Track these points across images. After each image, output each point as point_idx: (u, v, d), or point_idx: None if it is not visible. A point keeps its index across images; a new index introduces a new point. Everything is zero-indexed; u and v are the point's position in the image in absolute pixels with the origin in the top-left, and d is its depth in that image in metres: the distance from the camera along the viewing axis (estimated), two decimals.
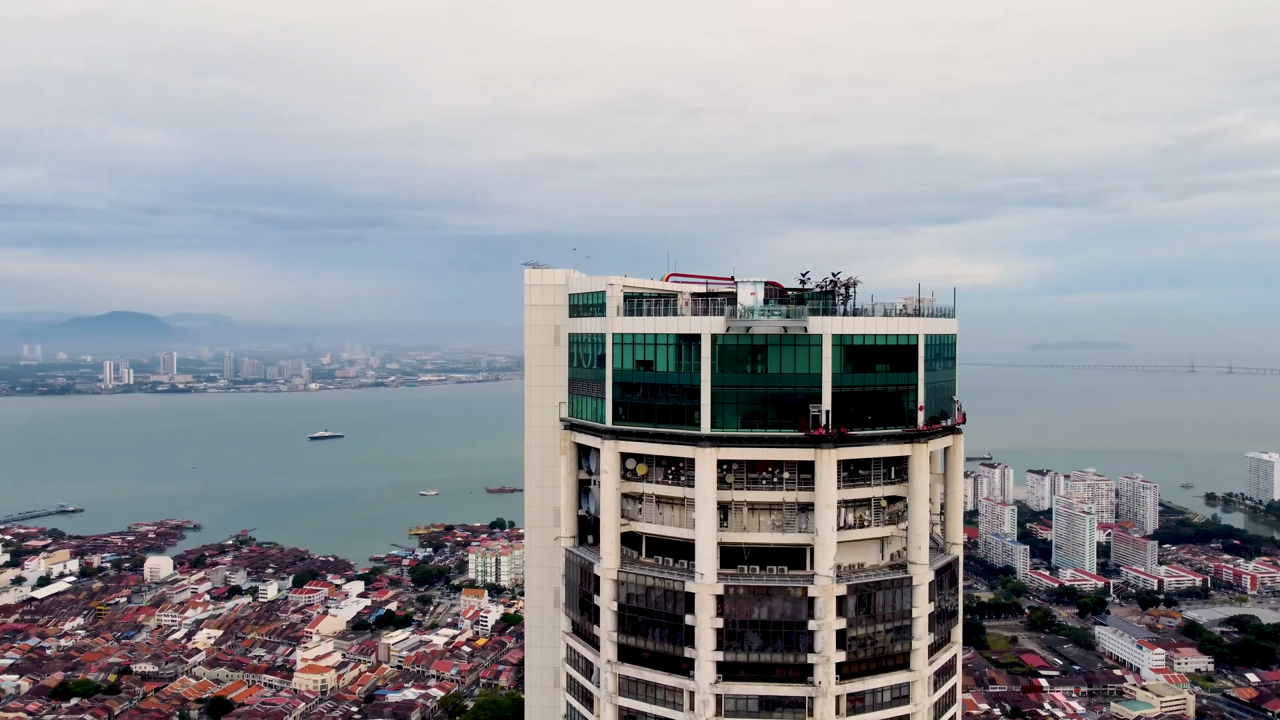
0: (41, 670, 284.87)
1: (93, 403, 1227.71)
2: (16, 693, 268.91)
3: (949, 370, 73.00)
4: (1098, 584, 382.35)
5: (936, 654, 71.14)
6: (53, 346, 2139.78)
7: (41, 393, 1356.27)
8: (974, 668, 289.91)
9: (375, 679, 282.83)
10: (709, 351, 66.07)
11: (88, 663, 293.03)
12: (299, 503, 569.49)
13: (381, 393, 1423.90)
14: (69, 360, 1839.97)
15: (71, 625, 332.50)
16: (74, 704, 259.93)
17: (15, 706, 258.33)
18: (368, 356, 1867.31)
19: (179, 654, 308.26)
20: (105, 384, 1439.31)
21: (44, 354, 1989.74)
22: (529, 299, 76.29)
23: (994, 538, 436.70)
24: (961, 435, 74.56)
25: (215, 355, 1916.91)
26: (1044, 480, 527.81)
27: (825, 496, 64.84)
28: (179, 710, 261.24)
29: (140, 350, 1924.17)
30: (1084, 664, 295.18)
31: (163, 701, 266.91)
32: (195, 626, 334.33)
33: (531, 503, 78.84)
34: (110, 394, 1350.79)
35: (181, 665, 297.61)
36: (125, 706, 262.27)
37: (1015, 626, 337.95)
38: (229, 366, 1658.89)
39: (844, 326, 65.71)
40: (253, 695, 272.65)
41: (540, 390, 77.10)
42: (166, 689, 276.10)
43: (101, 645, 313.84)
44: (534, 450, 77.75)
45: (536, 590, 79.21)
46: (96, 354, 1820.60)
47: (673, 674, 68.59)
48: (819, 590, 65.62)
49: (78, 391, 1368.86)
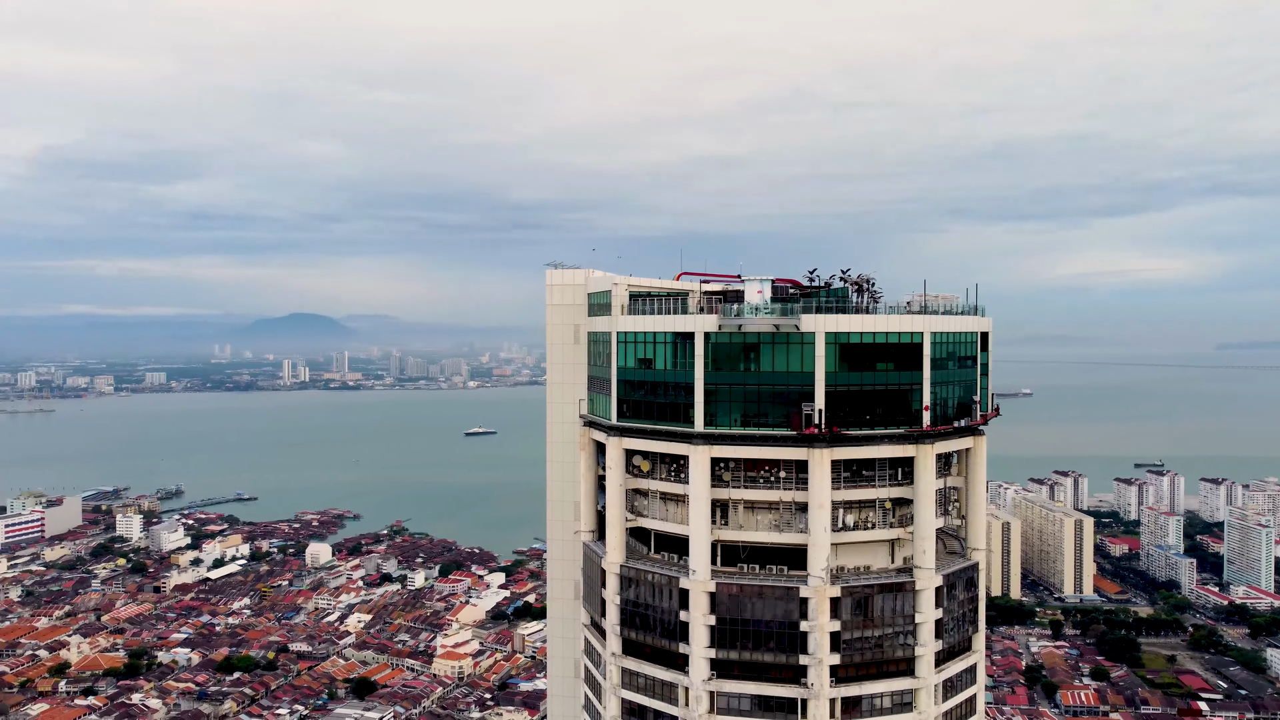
0: (210, 645, 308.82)
1: (272, 398, 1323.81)
2: (188, 664, 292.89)
3: (968, 370, 70.23)
4: (1274, 603, 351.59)
5: (949, 662, 68.63)
6: (240, 346, 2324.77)
7: (228, 389, 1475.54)
8: (1125, 686, 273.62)
9: (509, 668, 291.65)
10: (702, 350, 66.33)
11: (250, 640, 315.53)
12: (450, 496, 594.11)
13: (535, 390, 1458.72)
14: (254, 359, 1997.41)
15: (239, 605, 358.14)
16: (236, 677, 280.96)
17: (185, 677, 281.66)
18: (523, 355, 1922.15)
19: (331, 635, 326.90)
20: (284, 381, 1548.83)
21: (232, 353, 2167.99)
22: (550, 298, 78.57)
23: (1157, 550, 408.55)
24: (984, 437, 71.60)
25: (383, 354, 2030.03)
26: (1218, 490, 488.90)
27: (818, 496, 63.90)
28: (327, 688, 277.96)
29: (316, 349, 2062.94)
30: (1252, 689, 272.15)
31: (314, 679, 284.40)
32: (348, 610, 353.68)
33: (553, 497, 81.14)
34: (288, 390, 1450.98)
35: (333, 646, 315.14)
36: (280, 682, 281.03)
37: (1175, 645, 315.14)
38: (395, 365, 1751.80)
39: (838, 324, 64.47)
40: (395, 678, 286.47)
41: (561, 388, 79.28)
42: (318, 668, 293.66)
43: (263, 624, 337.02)
44: (555, 446, 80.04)
45: (558, 583, 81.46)
46: (278, 353, 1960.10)
47: (670, 669, 69.19)
48: (811, 591, 64.70)
49: (259, 388, 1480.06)
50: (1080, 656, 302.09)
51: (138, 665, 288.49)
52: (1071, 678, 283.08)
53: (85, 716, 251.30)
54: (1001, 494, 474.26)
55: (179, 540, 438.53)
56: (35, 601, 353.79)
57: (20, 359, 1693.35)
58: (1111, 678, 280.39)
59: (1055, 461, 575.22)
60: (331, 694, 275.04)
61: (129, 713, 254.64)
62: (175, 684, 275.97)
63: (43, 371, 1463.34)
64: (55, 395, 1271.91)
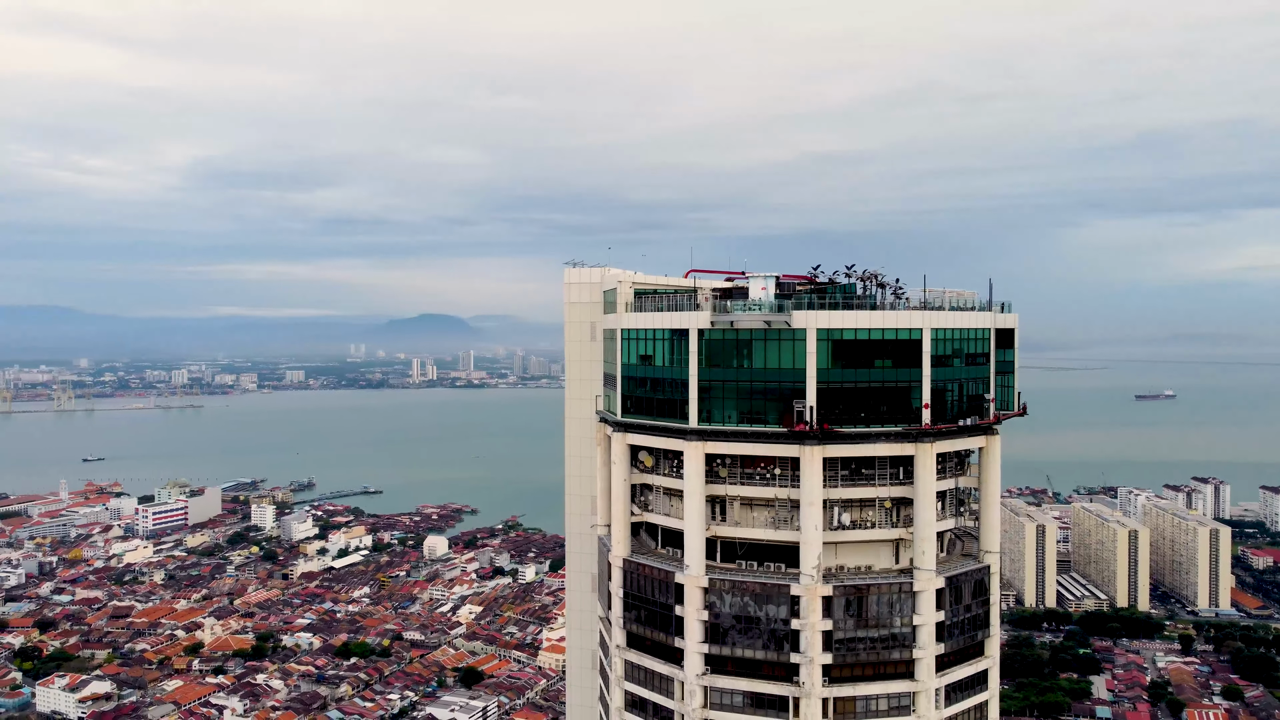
0: (331, 630, 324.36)
1: (401, 396, 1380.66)
2: (309, 648, 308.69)
3: (978, 367, 67.95)
4: None
5: (954, 667, 66.60)
6: (374, 345, 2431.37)
7: (361, 387, 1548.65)
8: (1260, 707, 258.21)
9: None
10: (696, 346, 66.61)
11: (368, 627, 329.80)
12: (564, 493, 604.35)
13: None
14: (386, 358, 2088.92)
15: (359, 593, 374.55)
16: (352, 662, 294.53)
17: (306, 660, 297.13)
18: None
19: (443, 625, 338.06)
20: (413, 379, 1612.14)
21: (366, 352, 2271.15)
22: (567, 296, 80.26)
23: None
24: (997, 436, 69.08)
25: (507, 353, 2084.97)
26: None
27: (809, 494, 63.18)
28: (437, 676, 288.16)
29: (445, 349, 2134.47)
30: None
31: (424, 667, 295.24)
32: (460, 602, 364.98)
33: (571, 490, 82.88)
34: (416, 389, 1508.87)
35: (444, 636, 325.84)
36: (393, 669, 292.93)
37: None
38: (518, 364, 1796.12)
39: (830, 321, 63.60)
40: (501, 669, 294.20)
41: (579, 383, 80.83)
42: (429, 656, 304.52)
43: (381, 613, 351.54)
44: (573, 440, 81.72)
45: (576, 575, 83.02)
46: (408, 352, 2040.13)
47: (667, 662, 69.68)
48: (802, 589, 64.04)
49: (390, 386, 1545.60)
50: (1212, 674, 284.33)
51: (264, 647, 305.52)
52: (1200, 696, 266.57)
53: (214, 694, 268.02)
54: (1132, 500, 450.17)
55: (308, 530, 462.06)
56: (176, 584, 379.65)
57: (175, 358, 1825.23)
58: (1246, 698, 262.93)
59: (1195, 467, 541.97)
60: (440, 681, 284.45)
61: (253, 692, 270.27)
62: (297, 666, 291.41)
63: (194, 369, 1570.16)
64: (204, 392, 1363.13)
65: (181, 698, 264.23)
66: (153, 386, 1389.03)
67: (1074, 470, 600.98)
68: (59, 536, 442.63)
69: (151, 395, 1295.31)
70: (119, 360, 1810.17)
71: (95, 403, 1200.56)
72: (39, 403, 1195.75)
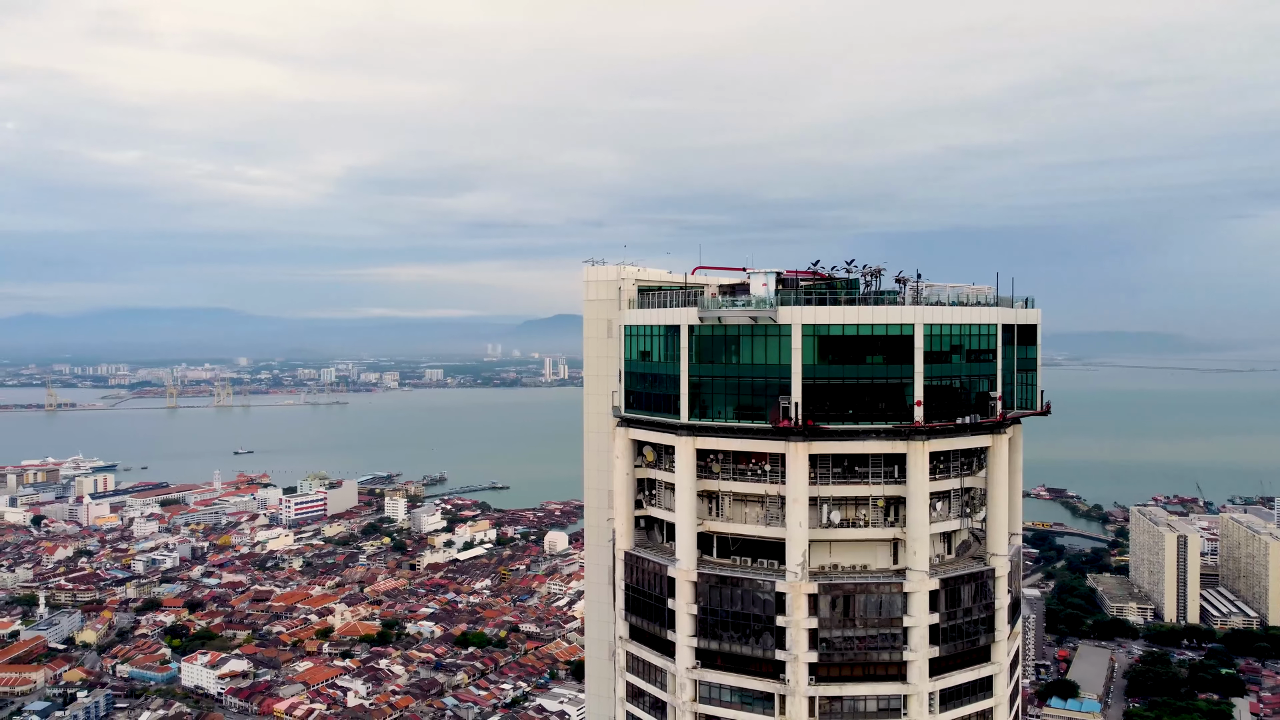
0: (451, 620, 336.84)
1: (532, 394, 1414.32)
2: (430, 636, 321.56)
3: (983, 364, 65.36)
4: None
5: (952, 671, 64.30)
6: (510, 345, 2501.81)
7: (495, 385, 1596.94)
8: None
9: None
10: (687, 342, 66.91)
11: (487, 618, 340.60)
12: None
13: None
14: (520, 357, 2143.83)
15: (480, 585, 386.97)
16: (470, 652, 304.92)
17: (427, 648, 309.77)
18: None
19: (559, 619, 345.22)
20: (545, 378, 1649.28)
21: (502, 352, 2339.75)
22: (586, 294, 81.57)
23: None
24: (1004, 436, 66.14)
25: None
26: None
27: (795, 491, 62.41)
28: (550, 668, 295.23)
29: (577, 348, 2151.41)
30: None
31: (538, 659, 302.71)
32: (576, 597, 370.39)
33: (590, 484, 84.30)
34: (548, 387, 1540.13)
35: (559, 629, 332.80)
36: (508, 660, 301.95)
37: None
38: None
39: (816, 316, 62.71)
40: None
41: (596, 380, 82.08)
42: (544, 648, 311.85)
43: (500, 605, 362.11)
44: (591, 436, 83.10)
45: (593, 568, 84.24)
46: (542, 351, 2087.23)
47: (662, 655, 70.16)
48: (787, 586, 63.32)
49: (523, 384, 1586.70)
50: None
51: (388, 634, 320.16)
52: None
53: (340, 676, 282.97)
54: None
55: (436, 523, 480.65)
56: (312, 571, 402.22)
57: (326, 357, 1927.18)
58: None
59: None
60: (553, 674, 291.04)
61: (376, 676, 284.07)
62: (418, 653, 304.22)
63: (341, 368, 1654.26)
64: (350, 389, 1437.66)
65: (310, 678, 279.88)
66: (303, 384, 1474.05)
67: (1227, 478, 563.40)
68: (211, 523, 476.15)
69: (301, 392, 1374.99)
70: (275, 359, 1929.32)
71: (251, 399, 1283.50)
72: (201, 399, 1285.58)
